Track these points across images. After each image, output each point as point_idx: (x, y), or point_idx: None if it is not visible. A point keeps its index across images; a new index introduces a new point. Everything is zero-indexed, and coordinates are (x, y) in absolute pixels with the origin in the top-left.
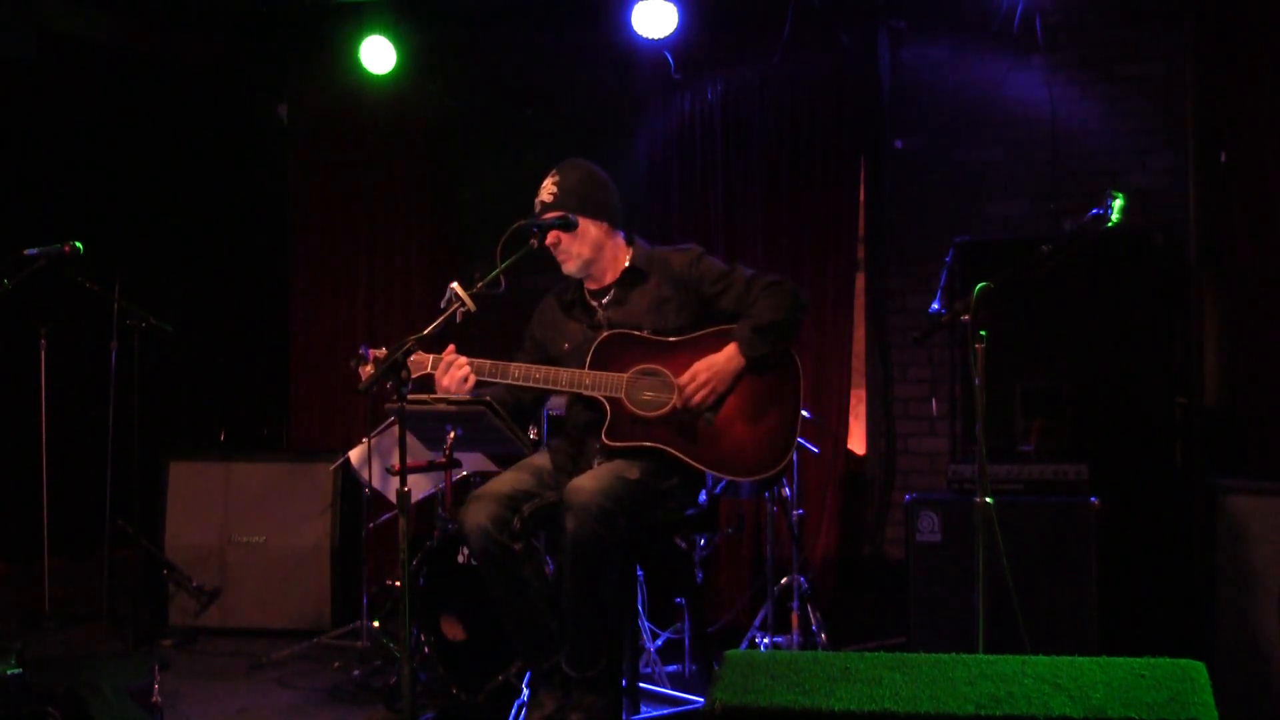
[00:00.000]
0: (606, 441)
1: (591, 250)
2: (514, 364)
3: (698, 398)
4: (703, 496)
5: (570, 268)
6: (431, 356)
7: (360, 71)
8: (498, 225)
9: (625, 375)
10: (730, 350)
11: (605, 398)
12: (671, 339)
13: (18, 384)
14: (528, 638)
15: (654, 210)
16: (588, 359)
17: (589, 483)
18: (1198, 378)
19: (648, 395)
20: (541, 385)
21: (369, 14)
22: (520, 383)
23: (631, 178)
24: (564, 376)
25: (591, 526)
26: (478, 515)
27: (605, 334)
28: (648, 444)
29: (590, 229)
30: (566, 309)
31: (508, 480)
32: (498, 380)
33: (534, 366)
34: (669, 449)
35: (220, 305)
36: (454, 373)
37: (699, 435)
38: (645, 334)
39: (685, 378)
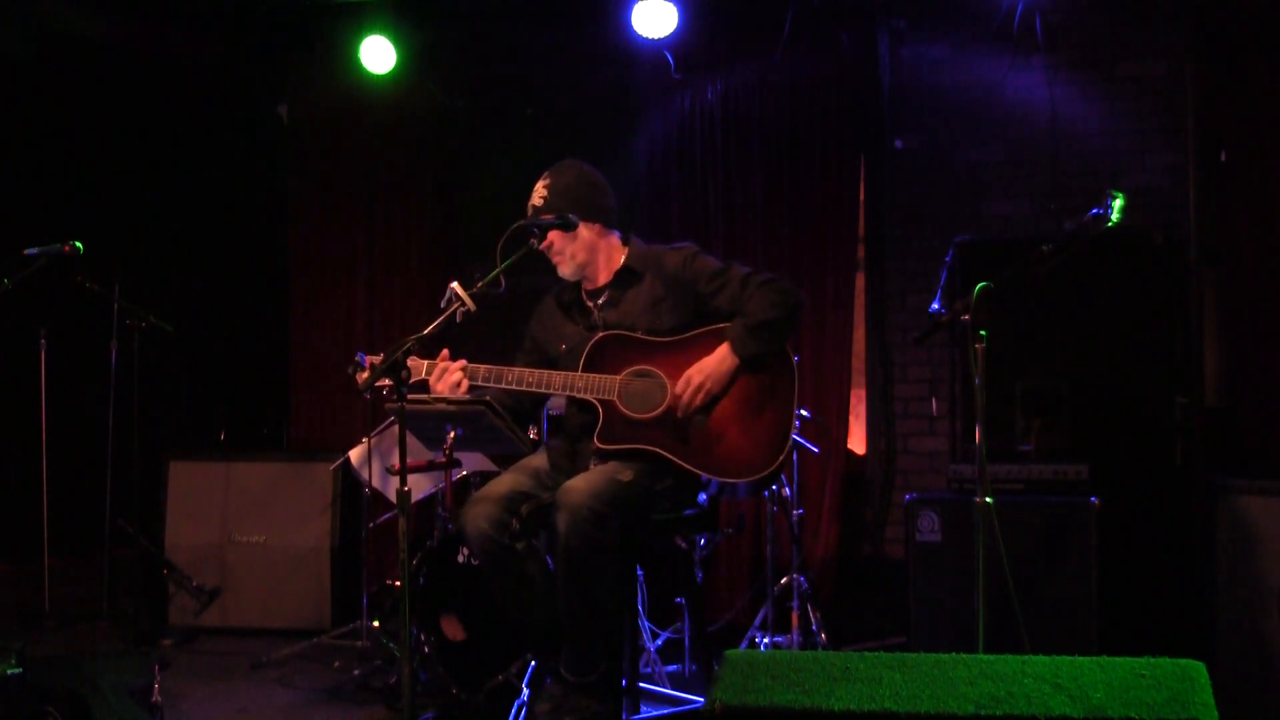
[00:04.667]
0: (599, 444)
1: (585, 252)
2: (509, 369)
3: (696, 402)
4: (702, 497)
5: (565, 270)
6: (426, 363)
7: (360, 71)
8: (498, 225)
9: (618, 377)
10: (723, 351)
11: (598, 400)
12: (665, 339)
13: (18, 384)
14: (537, 633)
15: (654, 210)
16: (581, 360)
17: (581, 484)
18: (1198, 377)
19: (641, 397)
20: (536, 389)
21: (369, 14)
22: (515, 387)
23: (631, 177)
24: (558, 379)
25: (583, 529)
26: (477, 520)
27: (600, 335)
28: (640, 446)
29: (583, 231)
30: (565, 310)
31: (506, 482)
32: (493, 385)
33: (529, 370)
34: (661, 451)
35: (220, 305)
36: (448, 378)
37: (691, 436)
38: (640, 335)
39: (680, 384)
